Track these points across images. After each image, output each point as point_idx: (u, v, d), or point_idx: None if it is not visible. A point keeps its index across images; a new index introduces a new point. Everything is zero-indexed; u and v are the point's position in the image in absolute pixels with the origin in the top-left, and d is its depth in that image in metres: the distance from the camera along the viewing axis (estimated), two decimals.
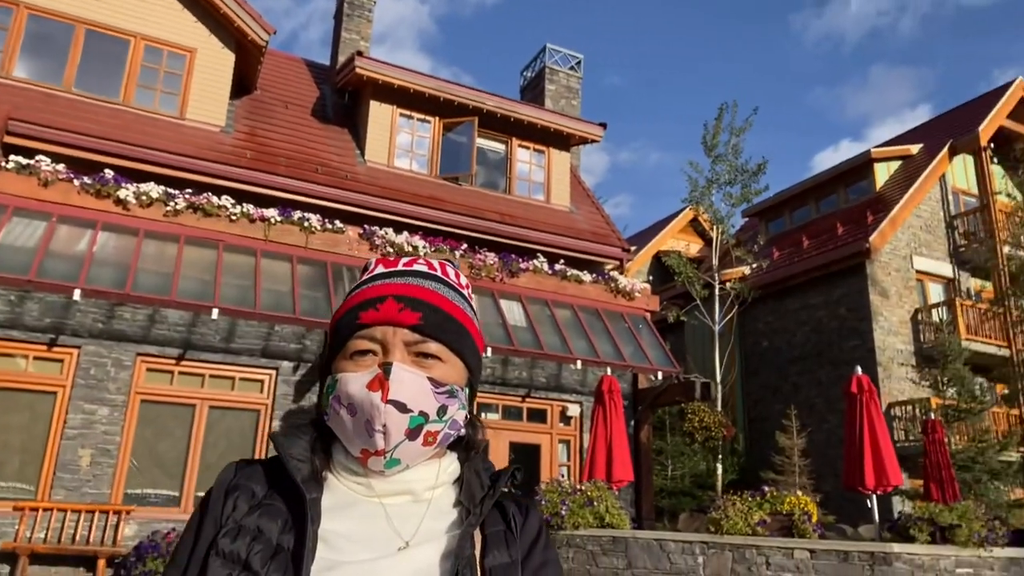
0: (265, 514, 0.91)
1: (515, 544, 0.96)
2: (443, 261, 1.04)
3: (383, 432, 0.90)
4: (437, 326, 0.95)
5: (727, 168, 16.28)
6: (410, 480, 0.95)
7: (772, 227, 20.46)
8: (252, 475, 0.96)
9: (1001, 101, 18.02)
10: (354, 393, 0.91)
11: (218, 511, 0.93)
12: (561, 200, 14.38)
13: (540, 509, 8.32)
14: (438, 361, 0.95)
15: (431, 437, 0.93)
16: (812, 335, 17.23)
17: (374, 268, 1.03)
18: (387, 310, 0.95)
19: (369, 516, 0.92)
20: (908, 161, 18.50)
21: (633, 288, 12.73)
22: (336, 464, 0.97)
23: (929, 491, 10.24)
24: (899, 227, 16.62)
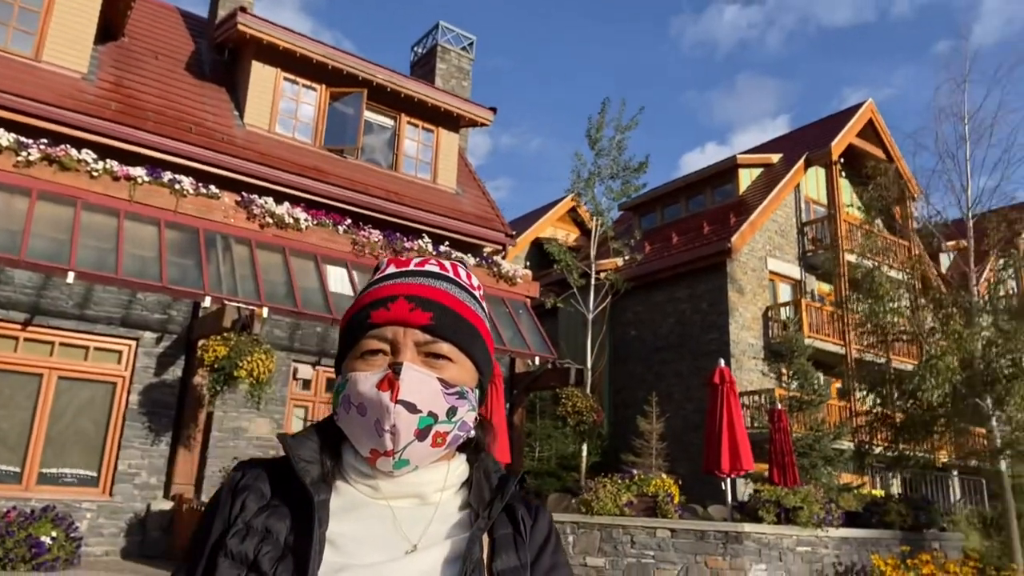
0: (274, 515, 0.90)
1: (524, 547, 0.96)
2: (454, 262, 1.04)
3: (392, 432, 0.89)
4: (448, 327, 0.95)
5: (610, 163, 16.81)
6: (418, 483, 0.95)
7: (645, 222, 21.38)
8: (261, 475, 0.96)
9: (852, 121, 19.74)
10: (364, 392, 0.91)
11: (226, 511, 0.92)
12: (448, 182, 14.33)
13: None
14: (448, 362, 0.95)
15: (440, 438, 0.93)
16: (676, 327, 18.23)
17: (386, 268, 1.03)
18: (398, 310, 0.94)
19: (377, 518, 0.92)
20: (768, 169, 19.88)
21: (515, 274, 12.92)
22: (345, 466, 0.97)
23: (772, 475, 11.15)
24: (757, 230, 17.86)
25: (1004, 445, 9.79)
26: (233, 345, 9.01)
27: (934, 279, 13.12)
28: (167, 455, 9.92)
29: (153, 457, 9.81)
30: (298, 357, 11.43)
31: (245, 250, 10.71)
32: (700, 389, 17.67)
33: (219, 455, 10.26)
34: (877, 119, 20.31)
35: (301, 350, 11.48)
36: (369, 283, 1.02)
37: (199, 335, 9.96)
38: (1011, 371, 9.41)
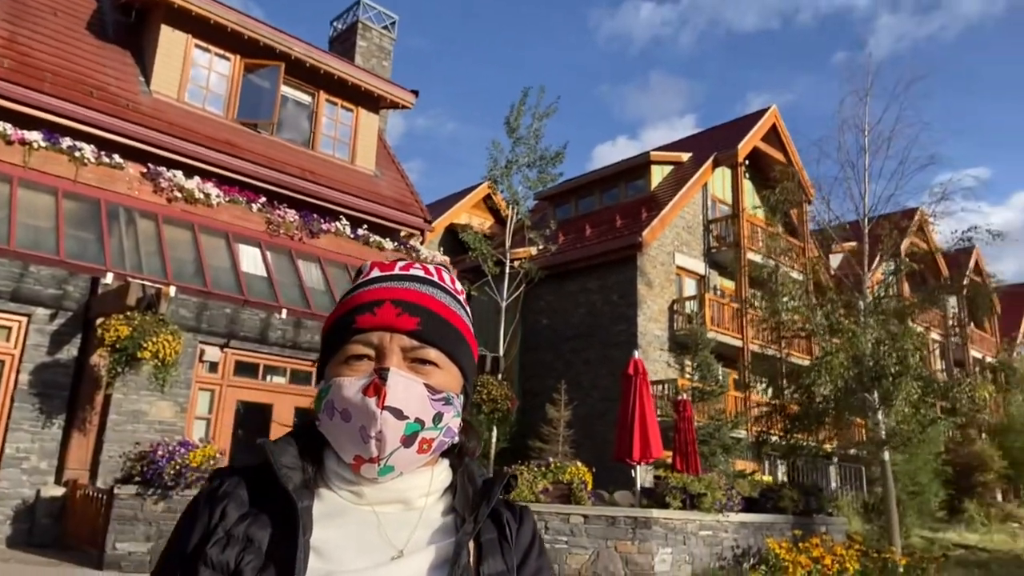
0: (255, 523, 0.88)
1: (510, 551, 0.95)
2: (438, 266, 1.03)
3: (378, 439, 0.88)
4: (435, 332, 0.94)
5: (527, 151, 16.92)
6: (403, 488, 0.94)
7: (559, 212, 21.69)
8: (241, 482, 0.93)
9: (757, 125, 20.68)
10: (349, 398, 0.89)
11: (206, 519, 0.89)
12: (367, 163, 14.06)
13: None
14: (435, 367, 0.93)
15: (426, 444, 0.92)
16: (587, 317, 18.63)
17: (369, 271, 1.01)
18: (384, 315, 0.93)
19: (362, 524, 0.90)
20: (679, 167, 20.56)
21: (433, 260, 12.85)
22: (327, 472, 0.95)
23: (676, 463, 11.64)
24: (667, 226, 18.47)
25: (888, 436, 10.62)
26: (137, 325, 8.57)
27: (827, 280, 13.95)
28: (59, 439, 9.35)
29: (44, 440, 9.22)
30: (205, 339, 10.97)
31: (151, 225, 10.18)
32: (608, 378, 18.19)
33: (117, 439, 9.74)
34: (780, 124, 21.35)
35: (209, 331, 11.02)
36: (353, 286, 1.00)
37: (98, 313, 9.40)
38: (897, 369, 10.21)
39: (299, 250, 11.35)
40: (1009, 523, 17.17)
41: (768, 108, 21.45)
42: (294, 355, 11.66)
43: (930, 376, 10.92)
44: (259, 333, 11.09)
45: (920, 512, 13.66)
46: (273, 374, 11.50)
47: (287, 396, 11.58)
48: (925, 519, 14.06)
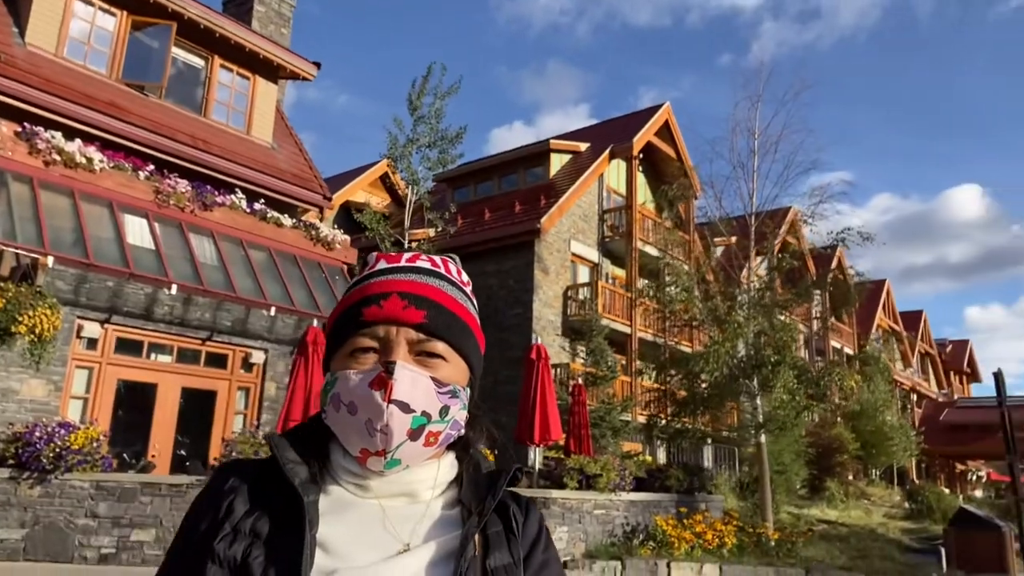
0: (262, 517, 0.88)
1: (516, 544, 0.95)
2: (445, 258, 1.03)
3: (384, 432, 0.87)
4: (442, 325, 0.93)
5: (428, 131, 16.77)
6: (409, 481, 0.93)
7: (458, 195, 21.65)
8: (247, 477, 0.93)
9: (651, 120, 21.43)
10: (355, 391, 0.88)
11: (212, 514, 0.89)
12: (263, 135, 13.50)
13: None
14: (441, 360, 0.93)
15: (433, 438, 0.91)
16: (482, 300, 18.31)
17: (375, 263, 1.00)
18: (391, 307, 0.92)
19: (368, 518, 0.90)
20: (577, 156, 21.02)
21: (334, 238, 12.58)
22: (333, 465, 0.94)
23: (569, 445, 12.02)
24: (564, 214, 18.87)
25: (766, 420, 11.43)
26: (11, 297, 7.92)
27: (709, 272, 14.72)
28: None
29: None
30: (84, 313, 10.25)
31: (25, 189, 9.37)
32: (502, 361, 18.42)
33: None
34: (672, 121, 22.22)
35: (88, 305, 10.30)
36: (358, 279, 0.99)
37: None
38: (776, 358, 10.98)
39: (191, 223, 10.79)
40: (863, 500, 18.89)
41: (662, 105, 22.26)
42: (182, 333, 11.11)
43: (804, 366, 11.83)
44: (144, 309, 10.49)
45: (786, 490, 14.81)
46: (159, 352, 10.92)
47: (173, 376, 11.04)
48: (791, 497, 15.25)
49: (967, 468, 43.89)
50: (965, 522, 11.33)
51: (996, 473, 47.07)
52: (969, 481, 43.26)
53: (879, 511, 16.60)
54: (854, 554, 10.80)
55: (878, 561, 10.48)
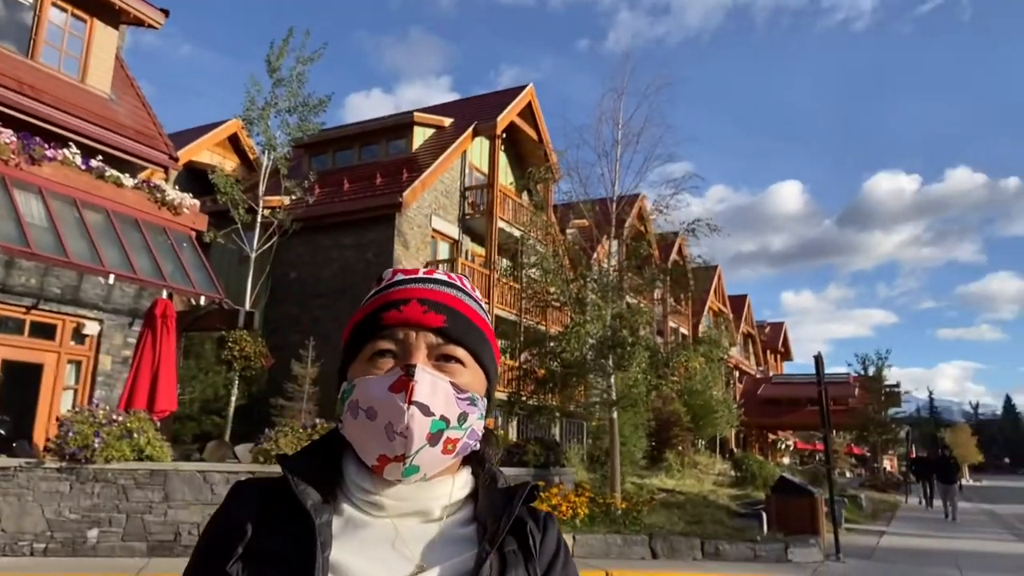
0: (274, 539, 0.87)
1: (534, 562, 0.93)
2: (459, 275, 1.04)
3: (404, 435, 0.86)
4: (461, 330, 0.93)
5: (288, 95, 15.97)
6: (423, 498, 0.92)
7: (315, 163, 20.84)
8: (259, 497, 0.91)
9: (515, 101, 21.65)
10: (375, 395, 0.88)
11: (224, 537, 0.88)
12: (101, 84, 12.26)
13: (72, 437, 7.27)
14: (460, 366, 0.93)
15: (451, 445, 0.90)
16: (339, 273, 18.28)
17: (392, 276, 1.00)
18: (411, 311, 0.92)
19: (380, 539, 0.89)
20: (441, 131, 20.86)
21: (182, 202, 11.71)
22: (346, 482, 0.93)
23: None
24: (427, 189, 18.71)
25: (619, 398, 12.06)
26: None
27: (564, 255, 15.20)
28: None
29: None
30: None
31: None
32: None
33: None
34: (535, 103, 22.59)
35: None
36: (375, 290, 0.99)
37: None
38: (632, 340, 11.60)
39: (15, 178, 9.63)
40: (695, 469, 20.48)
41: (526, 86, 22.54)
42: (2, 300, 9.97)
43: (656, 347, 12.58)
44: None
45: (630, 462, 15.76)
46: None
47: None
48: (633, 467, 16.24)
49: (777, 437, 48.73)
50: (784, 489, 12.62)
51: (801, 442, 52.68)
52: (779, 450, 48.06)
53: (709, 479, 18.11)
54: (690, 519, 11.72)
55: (710, 525, 11.44)
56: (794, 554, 10.36)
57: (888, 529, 15.67)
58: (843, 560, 10.50)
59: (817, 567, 9.99)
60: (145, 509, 7.72)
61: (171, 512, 7.76)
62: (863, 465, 43.48)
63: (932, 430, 68.00)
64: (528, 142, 22.53)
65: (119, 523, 7.65)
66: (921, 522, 17.95)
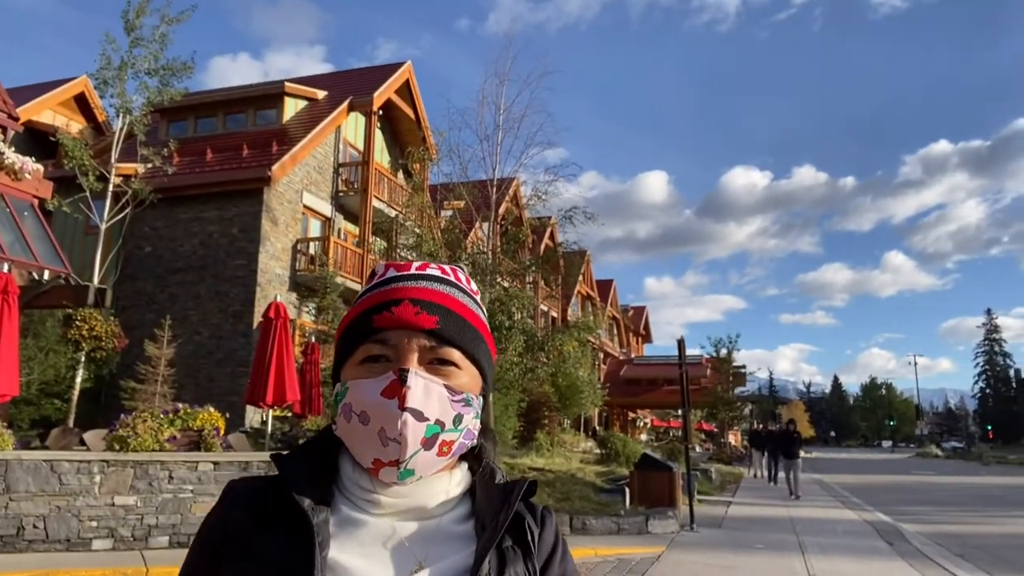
0: (270, 539, 0.86)
1: (532, 557, 0.93)
2: (453, 267, 1.01)
3: (398, 441, 0.85)
4: (454, 331, 0.92)
5: (148, 56, 14.85)
6: (420, 496, 0.91)
7: (174, 129, 19.51)
8: (255, 496, 0.91)
9: (392, 77, 21.25)
10: (368, 400, 0.87)
11: (220, 537, 0.88)
12: None
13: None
14: (454, 368, 0.91)
15: (446, 447, 0.89)
16: (200, 248, 17.30)
17: (384, 272, 0.97)
18: (403, 313, 0.90)
19: (378, 537, 0.88)
20: (314, 104, 20.14)
21: (23, 167, 10.64)
22: (343, 481, 0.92)
23: (296, 406, 11.67)
24: (298, 163, 18.04)
25: (494, 380, 12.17)
26: None
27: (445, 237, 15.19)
28: None
29: None
30: None
31: None
32: (220, 315, 17.21)
33: None
34: (413, 81, 22.28)
35: None
36: (367, 288, 0.97)
37: None
38: (509, 324, 11.78)
39: None
40: (563, 448, 21.17)
41: (404, 63, 22.19)
42: None
43: (532, 331, 12.85)
44: None
45: (502, 442, 16.08)
46: None
47: None
48: (505, 448, 16.58)
49: (637, 416, 51.30)
50: (646, 465, 13.35)
51: (657, 419, 55.77)
52: (637, 427, 50.62)
53: (576, 457, 18.80)
54: (559, 496, 12.15)
55: (578, 502, 11.92)
56: (654, 526, 11.00)
57: (734, 499, 16.96)
58: (696, 529, 11.28)
59: (674, 537, 10.68)
60: None
61: (13, 504, 7.12)
62: (711, 440, 46.69)
63: (771, 407, 74.07)
64: (405, 120, 22.21)
65: None
66: (762, 491, 19.57)
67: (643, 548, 9.70)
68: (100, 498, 7.56)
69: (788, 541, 10.65)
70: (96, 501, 7.52)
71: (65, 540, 7.29)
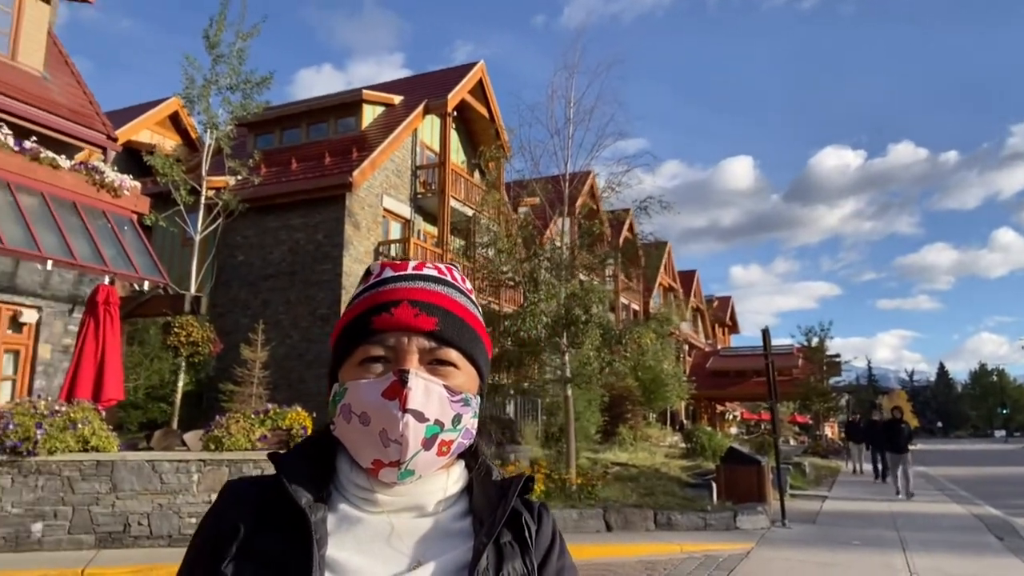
0: (269, 537, 0.86)
1: (530, 553, 0.93)
2: (449, 265, 1.02)
3: (399, 442, 0.86)
4: (453, 332, 0.92)
5: (229, 72, 15.51)
6: (418, 494, 0.92)
7: (261, 141, 20.35)
8: (253, 495, 0.91)
9: (466, 78, 21.44)
10: (368, 401, 0.87)
11: (218, 536, 0.88)
12: (33, 62, 11.72)
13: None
14: (453, 368, 0.92)
15: (445, 447, 0.90)
16: (288, 255, 17.98)
17: (381, 272, 0.98)
18: (402, 315, 0.90)
19: (377, 534, 0.89)
20: (391, 109, 20.56)
21: (122, 184, 11.33)
22: (341, 479, 0.93)
23: None
24: (377, 168, 18.47)
25: (573, 375, 12.20)
26: None
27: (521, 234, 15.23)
28: None
29: None
30: None
31: None
32: (309, 318, 17.85)
33: None
34: (486, 80, 22.41)
35: None
36: (364, 288, 0.97)
37: None
38: (586, 317, 11.73)
39: None
40: (647, 442, 20.90)
41: (476, 63, 22.34)
42: None
43: (609, 325, 12.74)
44: None
45: (584, 437, 16.01)
46: None
47: None
48: (588, 443, 16.51)
49: (725, 408, 50.04)
50: (732, 459, 13.00)
51: (747, 412, 54.23)
52: (726, 420, 49.39)
53: (661, 451, 18.52)
54: (643, 492, 12.00)
55: (662, 497, 11.73)
56: (742, 521, 10.71)
57: (830, 494, 16.30)
58: (788, 525, 10.90)
59: (764, 533, 10.35)
60: (92, 501, 7.54)
61: (119, 503, 7.61)
62: (806, 433, 45.00)
63: (871, 397, 70.76)
64: (480, 120, 22.39)
65: (65, 516, 7.46)
66: (861, 486, 18.73)
67: (731, 544, 9.46)
68: (198, 496, 7.97)
69: (888, 537, 10.15)
70: (195, 499, 7.93)
71: (167, 536, 7.73)
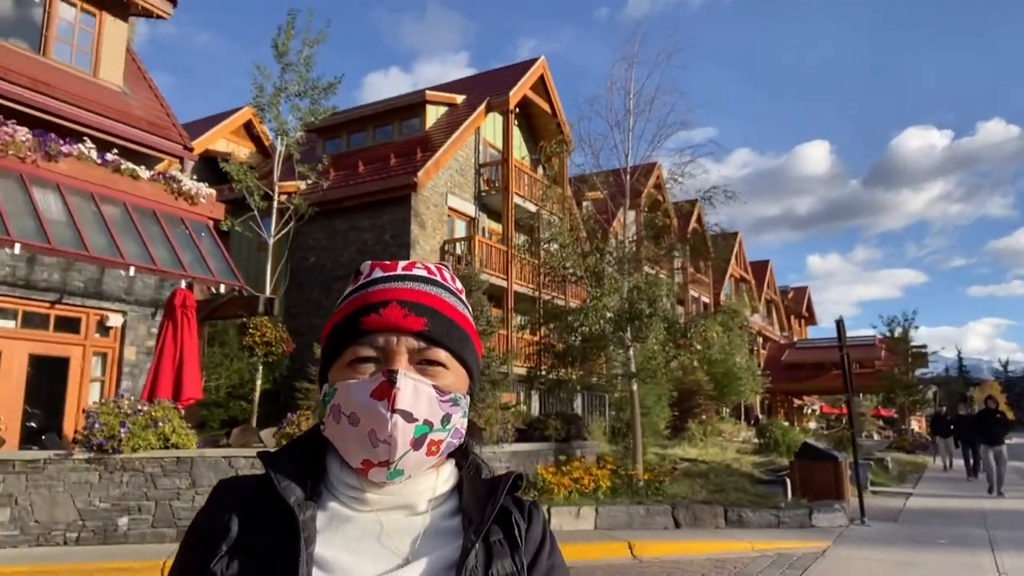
0: (258, 536, 0.87)
1: (520, 551, 0.93)
2: (439, 265, 1.02)
3: (388, 442, 0.86)
4: (442, 332, 0.93)
5: (297, 79, 15.97)
6: (407, 492, 0.92)
7: (329, 146, 20.88)
8: (243, 494, 0.92)
9: (527, 75, 21.45)
10: (357, 402, 0.88)
11: (208, 534, 0.89)
12: (113, 78, 12.34)
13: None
14: (442, 368, 0.92)
15: (435, 447, 0.90)
16: (357, 256, 18.38)
17: (370, 272, 0.98)
18: (391, 315, 0.91)
19: (366, 533, 0.89)
20: (453, 109, 20.76)
21: (198, 192, 11.82)
22: (330, 478, 0.93)
23: None
24: (441, 167, 18.69)
25: (638, 369, 12.07)
26: None
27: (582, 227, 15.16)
28: None
29: None
30: None
31: None
32: None
33: None
34: (547, 76, 22.35)
35: None
36: (353, 288, 0.98)
37: None
38: (650, 311, 11.57)
39: (34, 175, 9.77)
40: (719, 437, 20.48)
41: (537, 59, 22.32)
42: (27, 296, 10.18)
43: (674, 318, 12.54)
44: None
45: (652, 432, 15.82)
46: (2, 317, 9.95)
47: (18, 342, 10.13)
48: (656, 438, 16.30)
49: (803, 403, 48.51)
50: (807, 455, 12.59)
51: (827, 406, 52.40)
52: (804, 414, 47.87)
53: (732, 447, 18.10)
54: (713, 488, 11.75)
55: (733, 493, 11.46)
56: (818, 519, 10.37)
57: (915, 491, 15.61)
58: (868, 523, 10.49)
59: (842, 531, 10.00)
60: (173, 496, 7.91)
61: (199, 498, 7.94)
62: (891, 427, 43.20)
63: (961, 388, 67.27)
64: (542, 116, 22.36)
65: (148, 510, 7.85)
66: (949, 482, 17.85)
67: (806, 542, 9.17)
68: None
69: (976, 536, 9.65)
70: None
71: None
